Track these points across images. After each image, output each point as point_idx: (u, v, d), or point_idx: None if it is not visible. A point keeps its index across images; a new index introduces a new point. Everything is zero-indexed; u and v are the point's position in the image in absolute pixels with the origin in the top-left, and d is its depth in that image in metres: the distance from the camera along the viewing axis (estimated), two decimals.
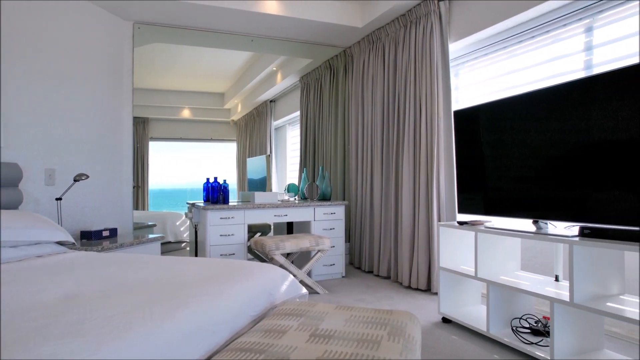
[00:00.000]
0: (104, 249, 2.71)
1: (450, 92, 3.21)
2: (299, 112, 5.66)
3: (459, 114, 2.62)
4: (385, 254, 3.80)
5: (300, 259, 3.79)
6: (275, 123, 6.84)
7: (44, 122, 3.05)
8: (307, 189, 4.03)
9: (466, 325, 2.40)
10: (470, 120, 2.53)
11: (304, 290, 1.98)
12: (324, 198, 4.02)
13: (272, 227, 4.77)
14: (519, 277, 2.28)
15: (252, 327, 1.44)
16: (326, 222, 3.81)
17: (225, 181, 3.66)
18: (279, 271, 1.92)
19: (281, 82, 5.80)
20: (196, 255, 3.80)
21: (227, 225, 3.43)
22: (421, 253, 3.29)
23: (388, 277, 3.79)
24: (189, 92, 7.40)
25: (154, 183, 7.61)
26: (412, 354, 1.23)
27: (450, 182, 3.21)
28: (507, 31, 2.97)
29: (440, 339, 2.31)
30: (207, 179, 3.79)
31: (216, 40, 4.17)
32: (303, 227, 3.91)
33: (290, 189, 4.43)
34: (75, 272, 1.79)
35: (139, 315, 1.19)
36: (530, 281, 2.18)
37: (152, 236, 3.19)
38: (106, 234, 3.12)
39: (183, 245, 5.74)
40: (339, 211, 3.88)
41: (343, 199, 4.61)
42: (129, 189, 3.75)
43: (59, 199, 2.95)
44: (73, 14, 3.26)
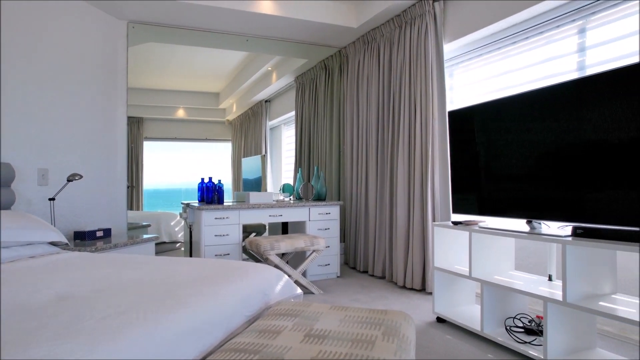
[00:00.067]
0: (98, 250, 2.69)
1: (445, 93, 3.23)
2: (294, 112, 5.66)
3: (454, 115, 2.63)
4: (380, 254, 3.81)
5: (295, 259, 3.79)
6: (270, 123, 6.84)
7: (37, 122, 3.03)
8: (302, 189, 4.03)
9: (460, 324, 2.41)
10: (464, 120, 2.54)
11: (299, 290, 1.98)
12: (319, 198, 4.02)
13: (267, 227, 4.76)
14: (513, 277, 2.29)
15: (247, 328, 1.44)
16: (321, 222, 3.81)
17: (220, 181, 3.65)
18: (274, 271, 1.92)
19: (276, 82, 5.79)
20: (191, 255, 3.79)
21: (222, 225, 3.42)
22: (416, 253, 3.30)
23: (383, 277, 3.80)
24: (184, 92, 7.37)
25: (149, 183, 7.58)
26: (407, 354, 1.23)
27: (444, 182, 3.22)
28: (501, 32, 2.99)
29: (434, 339, 2.32)
30: (202, 179, 3.78)
31: (211, 40, 4.16)
32: (298, 227, 3.90)
33: (285, 189, 4.43)
34: (68, 273, 1.78)
35: (133, 315, 1.19)
36: (523, 281, 2.20)
37: (147, 236, 3.18)
38: (100, 235, 3.11)
39: (178, 245, 5.72)
40: (334, 211, 3.88)
41: (338, 199, 4.61)
42: (123, 189, 3.74)
43: (52, 199, 2.93)
44: (66, 13, 3.24)
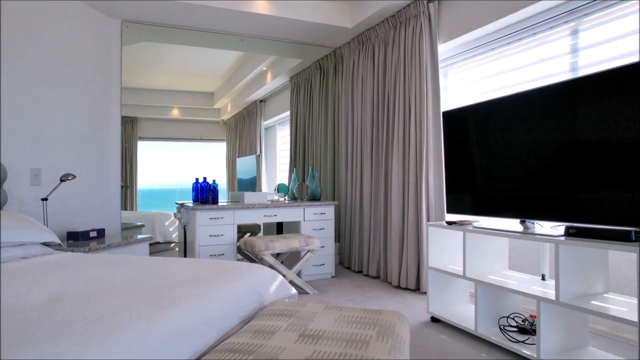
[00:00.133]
0: (91, 250, 2.67)
1: (439, 93, 3.24)
2: (289, 112, 5.65)
3: (448, 115, 2.64)
4: (374, 254, 3.82)
5: (290, 259, 3.79)
6: (265, 123, 6.83)
7: (30, 121, 3.00)
8: (297, 189, 4.03)
9: (454, 324, 2.42)
10: (459, 121, 2.55)
11: (294, 290, 1.98)
12: (314, 198, 4.02)
13: (262, 228, 4.75)
14: (507, 277, 2.30)
15: (241, 328, 1.44)
16: (316, 222, 3.81)
17: (214, 181, 3.64)
18: (268, 271, 1.92)
19: (271, 82, 5.79)
20: (185, 255, 3.77)
21: (217, 225, 3.41)
22: (410, 253, 3.31)
23: (377, 277, 3.81)
24: (178, 92, 7.34)
25: (143, 183, 7.54)
26: (401, 354, 1.23)
27: (439, 182, 3.23)
28: (495, 33, 3.01)
29: (428, 338, 2.33)
30: (197, 179, 3.77)
31: (206, 39, 4.15)
32: (293, 228, 3.90)
33: (280, 189, 4.43)
34: (61, 274, 1.76)
35: (127, 316, 1.18)
36: (517, 280, 2.21)
37: (141, 237, 3.16)
38: (93, 235, 3.09)
39: (172, 245, 5.70)
40: (329, 211, 3.88)
41: (333, 199, 4.62)
42: (117, 189, 3.71)
43: (45, 199, 2.91)
44: (60, 13, 3.21)
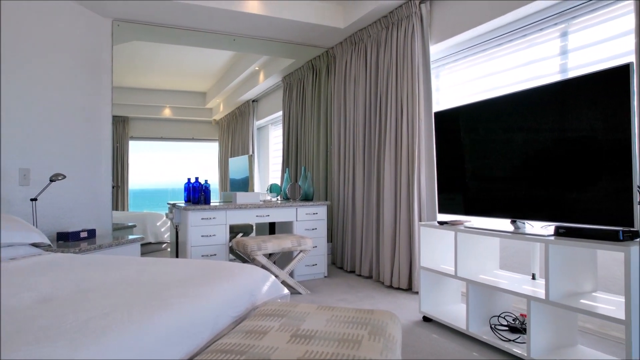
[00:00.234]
0: (82, 251, 2.65)
1: (431, 94, 3.26)
2: (282, 112, 5.65)
3: (440, 115, 2.66)
4: (367, 254, 3.82)
5: (282, 260, 3.78)
6: (257, 123, 6.81)
7: (19, 120, 2.96)
8: (290, 189, 4.02)
9: (446, 323, 2.44)
10: (450, 121, 2.57)
11: (286, 290, 1.98)
12: (307, 198, 4.02)
13: (254, 228, 4.74)
14: (498, 276, 2.32)
15: (233, 328, 1.43)
16: (308, 223, 3.81)
17: (206, 181, 3.63)
18: (261, 272, 1.91)
19: (264, 82, 5.77)
20: (177, 256, 3.75)
21: (209, 225, 3.40)
22: (402, 253, 3.32)
23: (370, 277, 3.82)
24: (170, 91, 7.30)
25: (134, 183, 7.48)
26: (393, 354, 1.24)
27: (431, 183, 3.25)
28: (487, 34, 3.03)
29: (420, 338, 2.34)
30: (189, 179, 3.75)
31: (198, 39, 4.13)
32: (285, 228, 3.90)
33: (272, 189, 4.42)
34: (50, 275, 1.74)
35: (117, 317, 1.17)
36: (508, 280, 2.23)
37: (132, 237, 3.14)
38: (84, 235, 3.06)
39: (164, 246, 5.66)
40: (321, 211, 3.89)
41: (325, 199, 4.62)
42: (108, 189, 3.68)
43: (34, 200, 2.88)
44: (50, 11, 3.17)
